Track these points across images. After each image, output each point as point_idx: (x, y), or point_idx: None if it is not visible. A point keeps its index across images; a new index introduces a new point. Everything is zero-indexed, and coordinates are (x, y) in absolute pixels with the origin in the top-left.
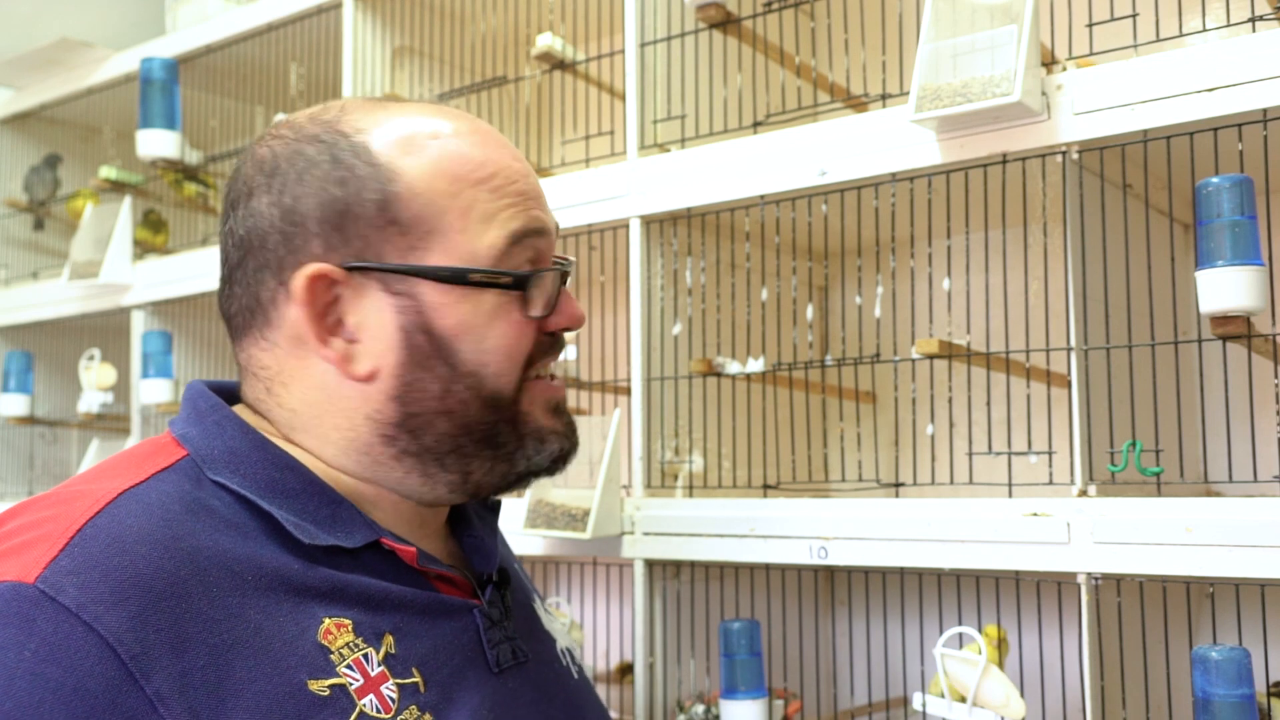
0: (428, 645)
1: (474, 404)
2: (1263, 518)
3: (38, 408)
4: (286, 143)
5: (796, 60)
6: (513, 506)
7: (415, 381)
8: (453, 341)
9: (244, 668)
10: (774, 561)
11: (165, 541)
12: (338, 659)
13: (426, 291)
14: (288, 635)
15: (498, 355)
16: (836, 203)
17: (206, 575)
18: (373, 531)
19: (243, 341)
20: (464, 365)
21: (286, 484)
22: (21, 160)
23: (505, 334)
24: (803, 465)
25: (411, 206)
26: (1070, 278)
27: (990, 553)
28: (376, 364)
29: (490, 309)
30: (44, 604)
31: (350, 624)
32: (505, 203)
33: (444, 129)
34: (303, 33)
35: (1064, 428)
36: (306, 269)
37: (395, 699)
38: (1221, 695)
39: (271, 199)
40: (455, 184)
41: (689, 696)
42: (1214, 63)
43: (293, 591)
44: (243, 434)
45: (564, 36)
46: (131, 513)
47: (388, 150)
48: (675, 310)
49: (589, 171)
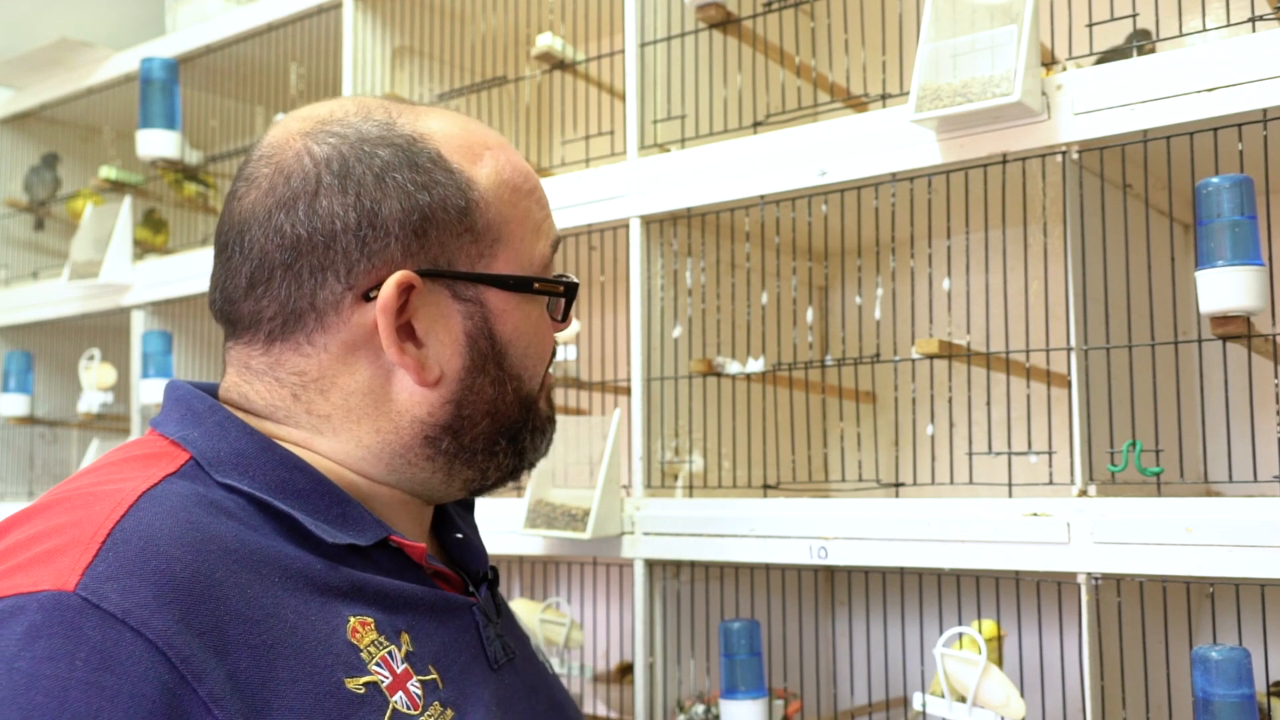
0: (439, 643)
1: (515, 406)
2: (1263, 518)
3: (38, 408)
4: (351, 144)
5: (796, 60)
6: (513, 506)
7: (475, 385)
8: (507, 346)
9: (285, 668)
10: (774, 561)
11: (196, 544)
12: (367, 657)
13: (491, 298)
14: (320, 634)
15: (537, 360)
16: (836, 203)
17: (239, 576)
18: (383, 529)
19: (272, 346)
20: (512, 369)
21: (296, 484)
22: (21, 160)
23: (544, 339)
24: (803, 465)
25: (485, 215)
26: (1070, 278)
27: (990, 553)
28: (442, 369)
29: (538, 316)
30: (89, 612)
31: (373, 622)
32: (545, 213)
33: (489, 139)
34: (303, 33)
35: (1064, 428)
36: (396, 275)
37: (421, 695)
38: (1221, 695)
39: (347, 201)
40: (515, 194)
41: (689, 696)
42: (1214, 63)
43: (319, 591)
44: (247, 435)
45: (564, 36)
46: (158, 514)
47: (457, 158)
48: (675, 311)
49: (589, 171)
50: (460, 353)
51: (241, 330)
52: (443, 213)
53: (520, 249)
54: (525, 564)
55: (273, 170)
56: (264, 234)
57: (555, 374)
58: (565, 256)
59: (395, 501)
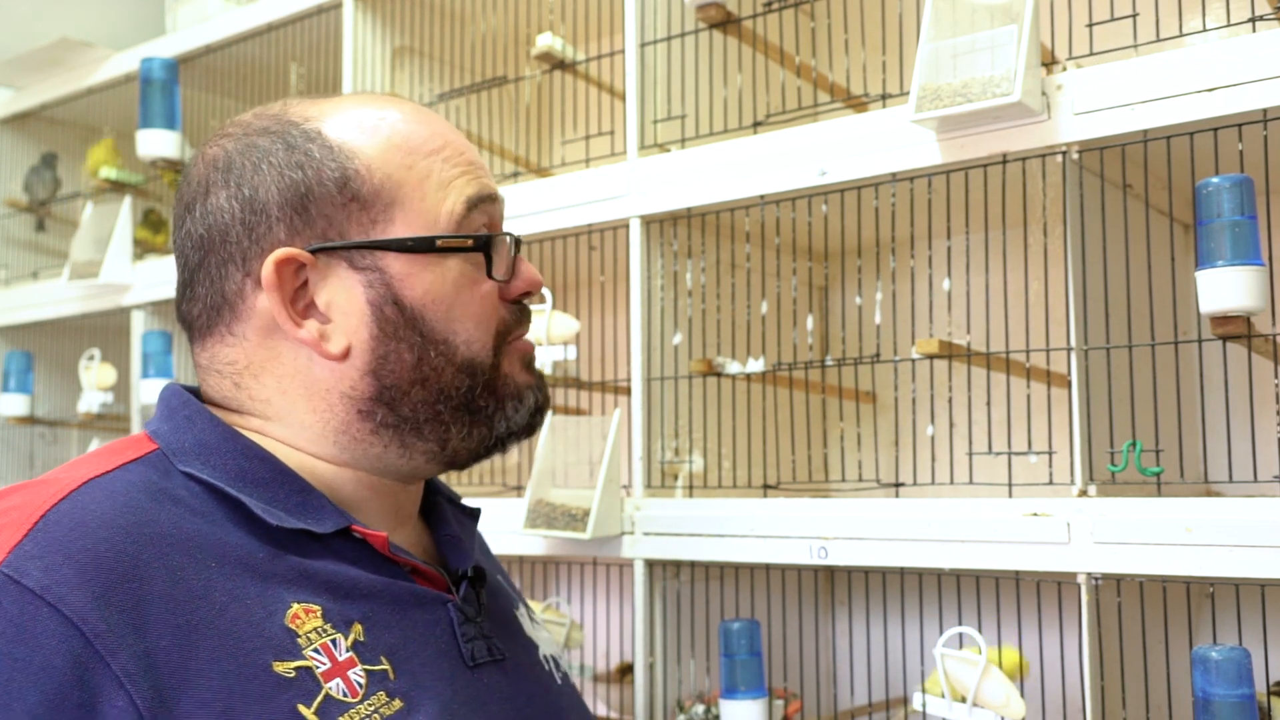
0: (397, 634)
1: (448, 371)
2: (1263, 518)
3: (38, 408)
4: (236, 139)
5: (796, 60)
6: (513, 507)
7: (389, 354)
8: (422, 310)
9: (208, 648)
10: (774, 561)
11: (128, 526)
12: (305, 643)
13: (392, 263)
14: (255, 618)
15: (467, 322)
16: (836, 203)
17: (169, 558)
18: (343, 518)
19: (205, 341)
20: (435, 333)
21: (256, 473)
22: (22, 160)
23: (472, 299)
24: (803, 465)
25: (371, 181)
26: (1070, 278)
27: (990, 553)
28: (349, 340)
29: (456, 275)
30: (8, 587)
31: (319, 610)
32: (459, 170)
33: (390, 112)
34: (303, 33)
35: (1064, 428)
36: (274, 254)
37: (363, 684)
38: (1221, 695)
39: (230, 193)
40: (409, 156)
41: (689, 696)
42: (1214, 63)
43: (259, 576)
44: (212, 426)
45: (564, 36)
46: (95, 499)
47: (340, 132)
48: (675, 312)
49: (589, 171)
50: (365, 322)
51: (189, 333)
52: (319, 186)
53: (422, 209)
54: (525, 564)
55: (183, 179)
56: (180, 238)
57: (555, 374)
58: (565, 256)
59: (365, 486)
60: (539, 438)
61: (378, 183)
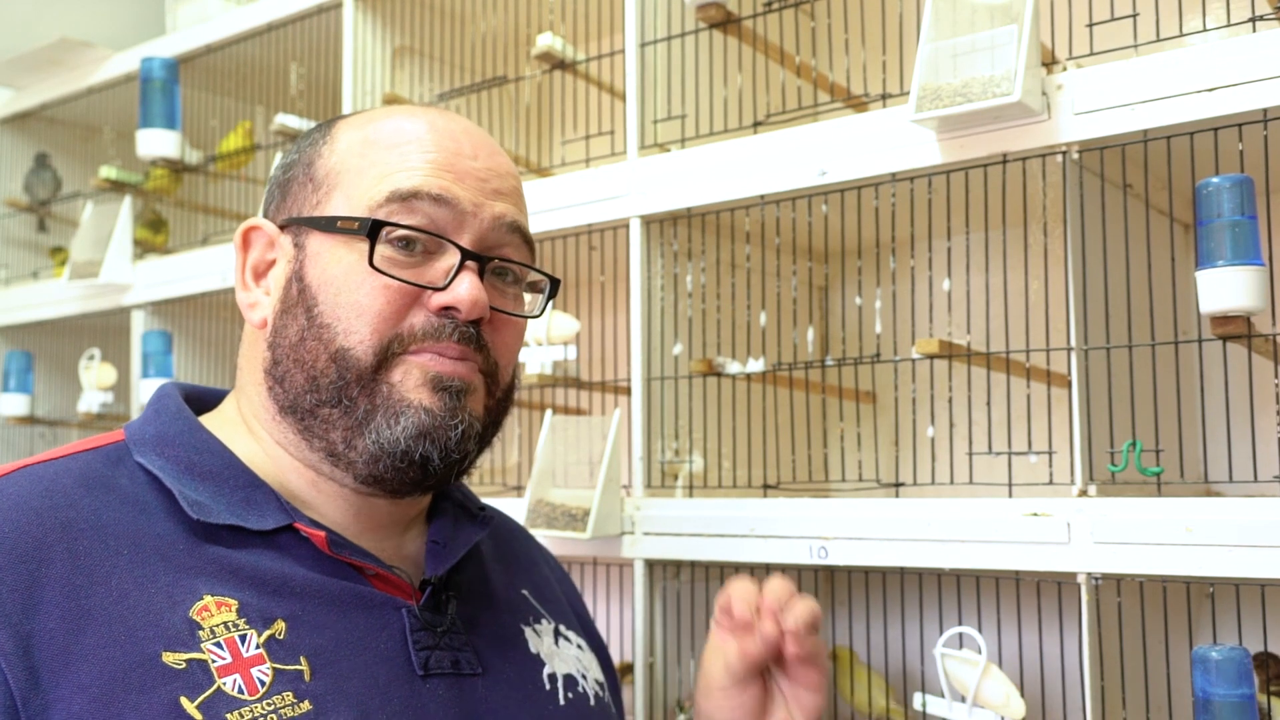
0: (329, 636)
1: (321, 357)
2: (1263, 518)
3: (38, 408)
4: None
5: (796, 60)
6: (513, 506)
7: (281, 327)
8: (316, 291)
9: (96, 634)
10: (774, 561)
11: (39, 509)
12: (206, 635)
13: (311, 242)
14: (155, 607)
15: (349, 310)
16: (836, 203)
17: (76, 544)
18: (286, 516)
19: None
20: (320, 316)
21: (205, 465)
22: (22, 160)
23: (358, 288)
24: (803, 465)
25: (327, 163)
26: (1070, 278)
27: (990, 553)
28: (266, 312)
29: (348, 263)
30: None
31: (235, 604)
32: (408, 165)
33: (412, 114)
34: (303, 33)
35: (1064, 428)
36: (245, 222)
37: (266, 682)
38: (1221, 695)
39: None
40: (368, 146)
41: (689, 696)
42: (1214, 63)
43: (174, 567)
44: (175, 419)
45: (564, 36)
46: (17, 484)
47: (347, 125)
48: (675, 312)
49: (589, 171)
50: (277, 295)
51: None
52: (298, 168)
53: (352, 194)
54: None
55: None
56: None
57: (555, 374)
58: (565, 256)
59: (311, 485)
60: (540, 437)
61: (331, 165)
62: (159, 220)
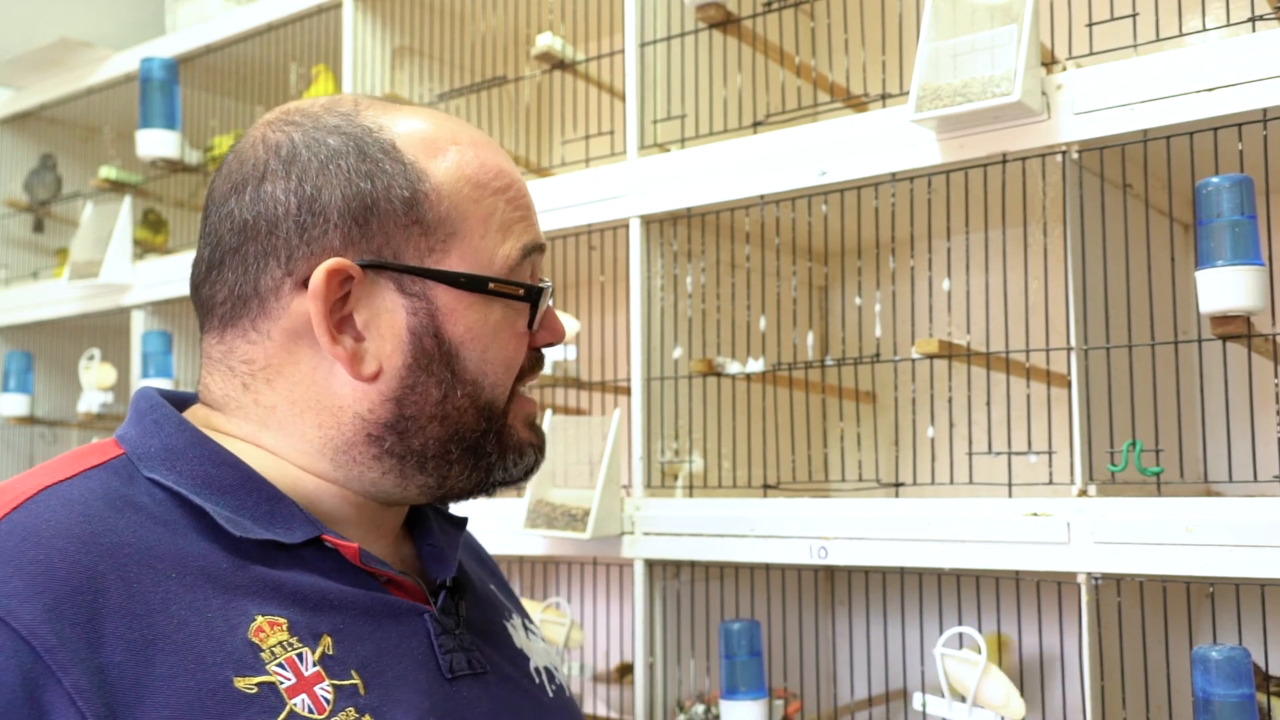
0: (370, 648)
1: (470, 412)
2: (1263, 518)
3: (38, 408)
4: (304, 131)
5: (796, 60)
6: (513, 506)
7: (417, 384)
8: (459, 348)
9: (165, 663)
10: (774, 561)
11: (83, 536)
12: (269, 657)
13: (440, 295)
14: (215, 632)
15: (497, 366)
16: (836, 203)
17: (126, 570)
18: (314, 528)
19: (224, 333)
20: (466, 373)
21: (223, 479)
22: (22, 160)
23: (507, 345)
24: (803, 465)
25: (438, 208)
26: (1070, 278)
27: (990, 553)
28: (381, 364)
29: (498, 319)
30: None
31: (285, 623)
32: (519, 215)
33: (460, 135)
34: (303, 33)
35: (1064, 428)
36: (327, 262)
37: (331, 700)
38: (1221, 695)
39: (289, 186)
40: (478, 190)
41: (689, 696)
42: (1214, 63)
43: (222, 588)
44: (179, 430)
45: (564, 36)
46: (50, 508)
47: (413, 150)
48: (675, 312)
49: (589, 171)
50: (401, 349)
51: (204, 316)
52: (386, 202)
53: (480, 246)
54: (525, 564)
55: (233, 156)
56: (218, 218)
57: (555, 374)
58: (565, 256)
59: (347, 503)
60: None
61: (444, 211)
62: (159, 220)
